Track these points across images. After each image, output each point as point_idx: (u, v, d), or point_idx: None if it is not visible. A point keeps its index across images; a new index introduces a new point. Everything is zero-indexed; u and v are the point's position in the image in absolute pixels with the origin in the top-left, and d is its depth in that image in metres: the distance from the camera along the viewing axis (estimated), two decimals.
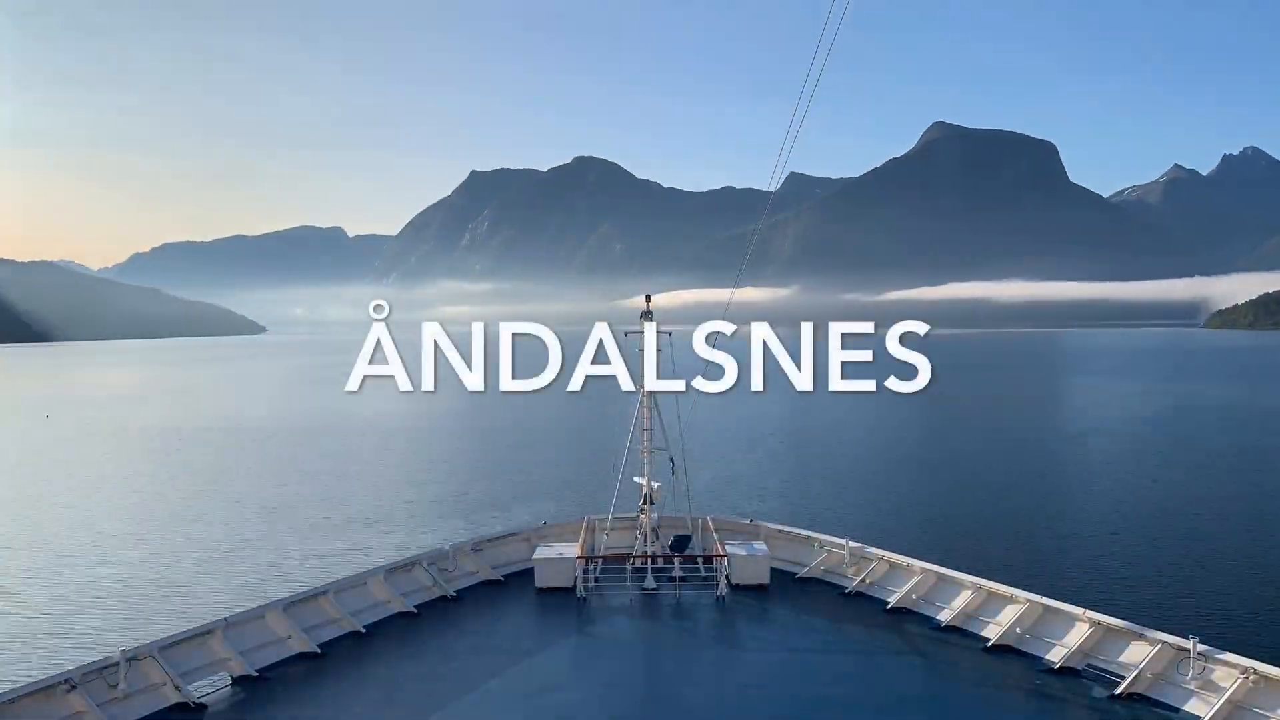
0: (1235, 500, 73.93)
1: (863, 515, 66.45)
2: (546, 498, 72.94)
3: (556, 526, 33.60)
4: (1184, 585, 49.30)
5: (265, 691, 21.88)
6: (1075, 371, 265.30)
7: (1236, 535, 61.09)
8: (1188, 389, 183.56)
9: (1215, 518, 66.54)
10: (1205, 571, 52.02)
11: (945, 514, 68.82)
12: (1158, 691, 20.87)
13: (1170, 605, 45.14)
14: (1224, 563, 53.82)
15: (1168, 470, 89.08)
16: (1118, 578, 50.40)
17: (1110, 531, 62.07)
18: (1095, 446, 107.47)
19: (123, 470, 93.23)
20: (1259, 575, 51.65)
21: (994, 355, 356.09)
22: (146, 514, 69.05)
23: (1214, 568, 52.80)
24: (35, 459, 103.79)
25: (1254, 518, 66.98)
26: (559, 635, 26.03)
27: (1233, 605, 45.97)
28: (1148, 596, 46.89)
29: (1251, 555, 56.06)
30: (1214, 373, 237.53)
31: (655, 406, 31.67)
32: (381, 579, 27.61)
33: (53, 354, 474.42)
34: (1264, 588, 49.17)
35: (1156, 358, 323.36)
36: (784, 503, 70.97)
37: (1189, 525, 64.35)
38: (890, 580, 28.60)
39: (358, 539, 59.80)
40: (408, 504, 74.03)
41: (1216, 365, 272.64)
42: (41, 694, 19.18)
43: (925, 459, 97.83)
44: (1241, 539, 60.16)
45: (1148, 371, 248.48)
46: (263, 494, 78.37)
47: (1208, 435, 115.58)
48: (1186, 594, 47.71)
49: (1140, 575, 51.24)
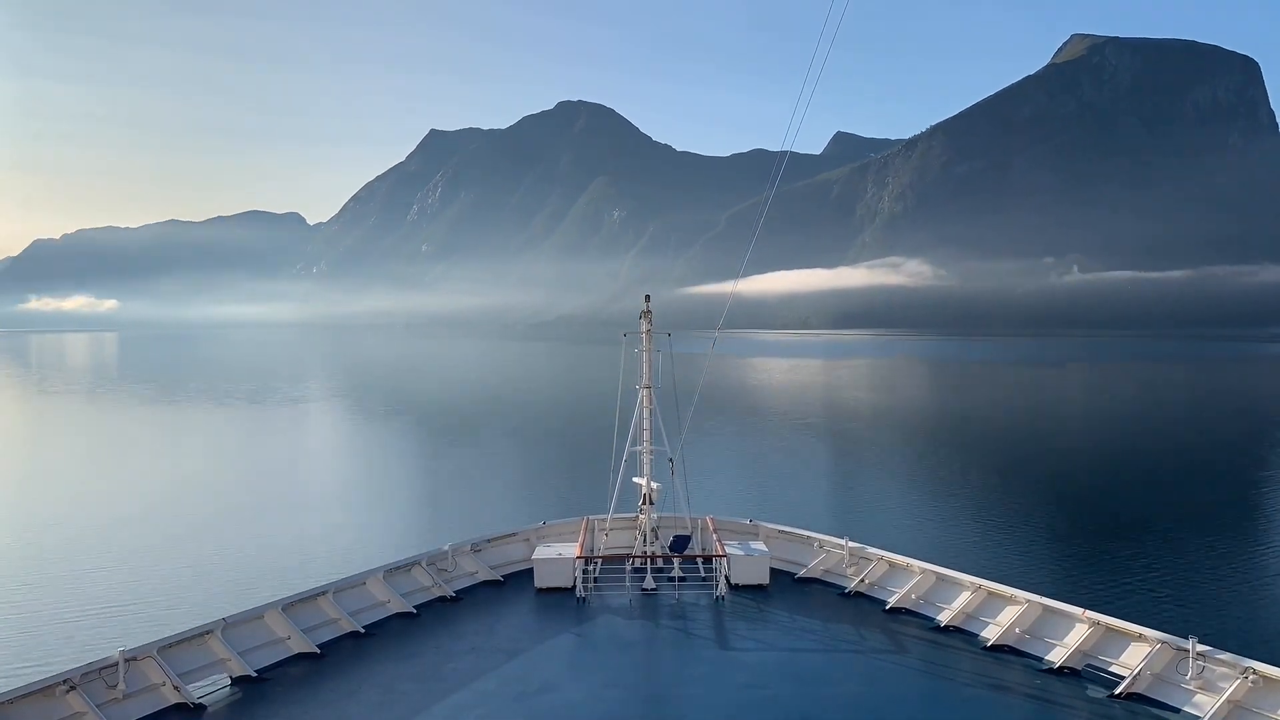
0: (1235, 500, 73.95)
1: (863, 515, 66.43)
2: (546, 498, 72.90)
3: (556, 527, 33.60)
4: (1184, 585, 49.28)
5: (264, 692, 21.87)
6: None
7: (1236, 535, 61.08)
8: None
9: (1215, 517, 66.51)
10: (1205, 571, 52.00)
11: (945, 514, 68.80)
12: (1157, 691, 20.87)
13: (1170, 605, 45.12)
14: (1224, 563, 53.80)
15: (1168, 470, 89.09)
16: (1118, 578, 50.38)
17: (1110, 531, 62.06)
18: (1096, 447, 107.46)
19: (122, 470, 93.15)
20: (1259, 575, 51.66)
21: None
22: (145, 514, 68.93)
23: (1214, 568, 52.79)
24: (35, 459, 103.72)
25: (1254, 517, 66.97)
26: (558, 635, 25.99)
27: (1233, 605, 45.95)
28: (1148, 596, 46.88)
29: (1251, 555, 56.08)
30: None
31: (654, 406, 31.68)
32: (381, 579, 27.61)
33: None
34: (1264, 588, 49.18)
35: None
36: (784, 503, 70.92)
37: (1189, 525, 64.35)
38: (890, 580, 28.60)
39: (357, 539, 59.75)
40: (407, 504, 74.01)
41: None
42: (41, 694, 19.18)
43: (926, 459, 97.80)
44: (1242, 539, 60.17)
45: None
46: (262, 494, 78.33)
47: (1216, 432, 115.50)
48: (1186, 594, 47.69)
49: (1140, 575, 51.23)
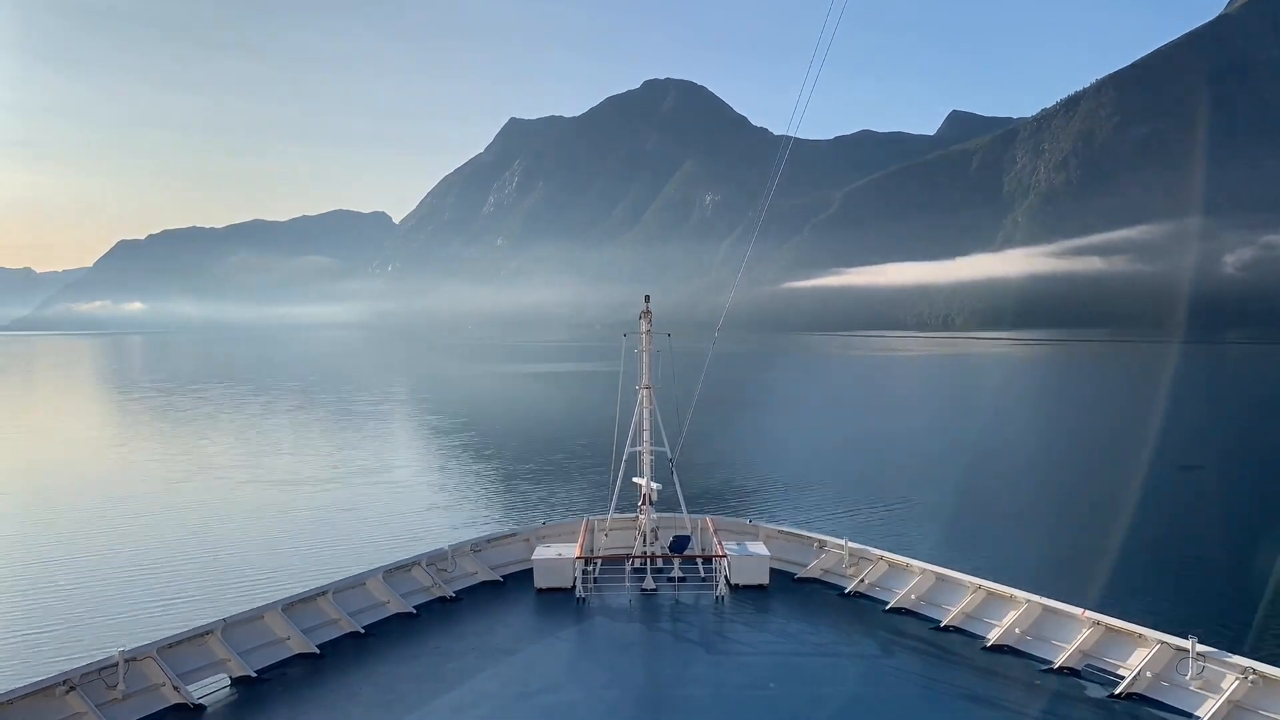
0: (1236, 500, 73.90)
1: (862, 515, 66.37)
2: (545, 498, 72.85)
3: (555, 527, 33.63)
4: (1184, 585, 49.24)
5: (264, 692, 21.86)
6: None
7: (1237, 536, 61.02)
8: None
9: (1215, 518, 66.46)
10: (1205, 571, 51.97)
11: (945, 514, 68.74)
12: (1158, 691, 20.86)
13: (1170, 605, 45.06)
14: (1224, 563, 53.76)
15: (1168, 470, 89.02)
16: (1118, 578, 50.33)
17: (1110, 531, 61.96)
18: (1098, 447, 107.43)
19: (121, 470, 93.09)
20: (1259, 575, 51.59)
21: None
22: (144, 514, 68.88)
23: (1214, 568, 52.74)
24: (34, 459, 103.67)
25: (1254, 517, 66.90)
26: (558, 636, 25.97)
27: (1233, 605, 45.91)
28: (1148, 596, 46.82)
29: (1251, 555, 56.00)
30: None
31: (654, 406, 31.66)
32: (380, 579, 27.60)
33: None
34: (1264, 587, 49.11)
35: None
36: (784, 503, 70.88)
37: (1190, 525, 64.31)
38: (890, 581, 28.59)
39: (356, 539, 59.68)
40: (407, 504, 73.94)
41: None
42: (40, 694, 19.15)
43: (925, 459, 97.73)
44: (1242, 539, 60.11)
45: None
46: (261, 494, 78.26)
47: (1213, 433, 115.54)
48: (1186, 594, 47.65)
49: (1140, 575, 51.20)
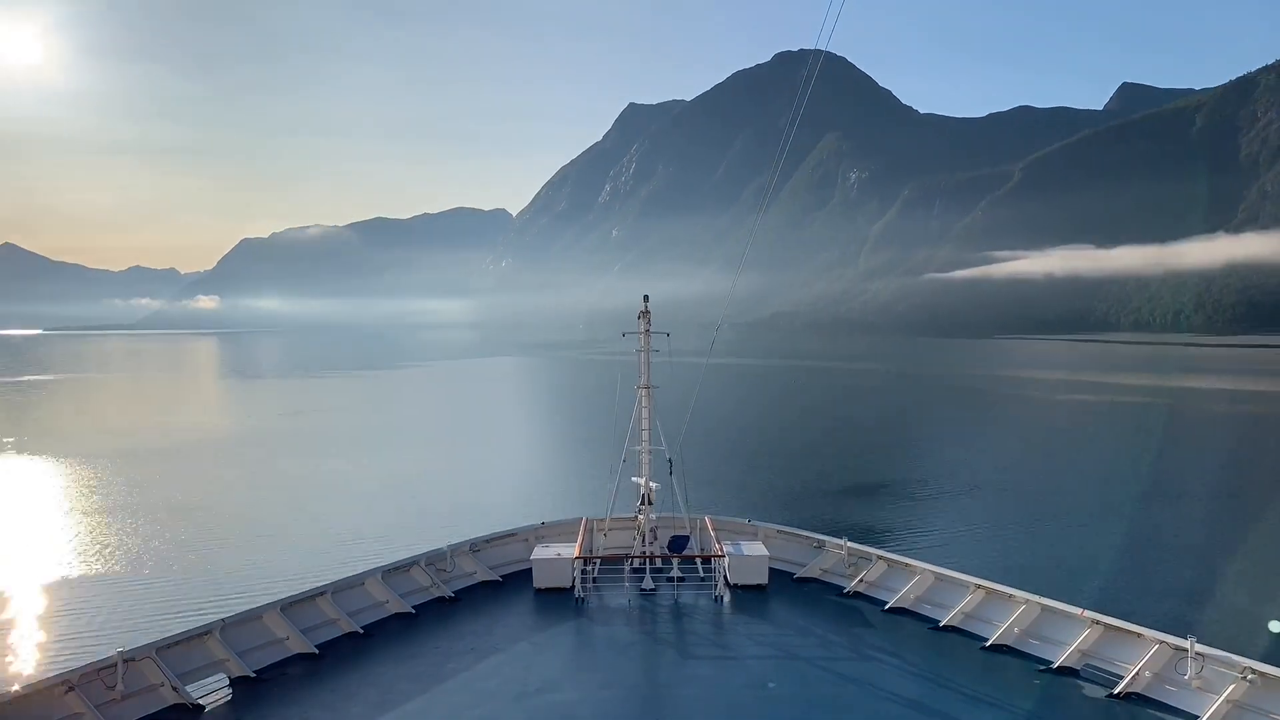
0: (1236, 500, 73.93)
1: (862, 516, 66.38)
2: (545, 498, 72.83)
3: (554, 527, 33.56)
4: (1184, 585, 49.26)
5: (263, 692, 21.84)
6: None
7: (1236, 536, 61.06)
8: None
9: (1215, 518, 66.51)
10: (1205, 571, 51.99)
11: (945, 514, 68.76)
12: (1157, 691, 20.86)
13: (1170, 605, 45.09)
14: (1224, 563, 53.78)
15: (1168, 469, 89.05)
16: (1117, 578, 50.36)
17: (1110, 531, 62.01)
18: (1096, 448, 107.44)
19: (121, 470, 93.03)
20: (1258, 575, 51.64)
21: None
22: (144, 514, 68.87)
23: (1214, 568, 52.76)
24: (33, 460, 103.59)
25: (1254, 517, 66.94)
26: (557, 636, 25.95)
27: (1232, 605, 45.93)
28: (1147, 596, 46.86)
29: (1251, 555, 56.05)
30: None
31: (653, 406, 31.64)
32: (380, 580, 27.57)
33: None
34: (1263, 588, 49.14)
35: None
36: (783, 503, 70.86)
37: (1188, 525, 64.33)
38: (889, 581, 28.56)
39: (356, 539, 59.67)
40: (406, 504, 73.91)
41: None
42: (40, 694, 19.14)
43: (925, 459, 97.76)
44: (1242, 539, 60.15)
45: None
46: (261, 495, 78.25)
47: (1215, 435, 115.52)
48: (1186, 594, 47.67)
49: (1140, 575, 51.21)
